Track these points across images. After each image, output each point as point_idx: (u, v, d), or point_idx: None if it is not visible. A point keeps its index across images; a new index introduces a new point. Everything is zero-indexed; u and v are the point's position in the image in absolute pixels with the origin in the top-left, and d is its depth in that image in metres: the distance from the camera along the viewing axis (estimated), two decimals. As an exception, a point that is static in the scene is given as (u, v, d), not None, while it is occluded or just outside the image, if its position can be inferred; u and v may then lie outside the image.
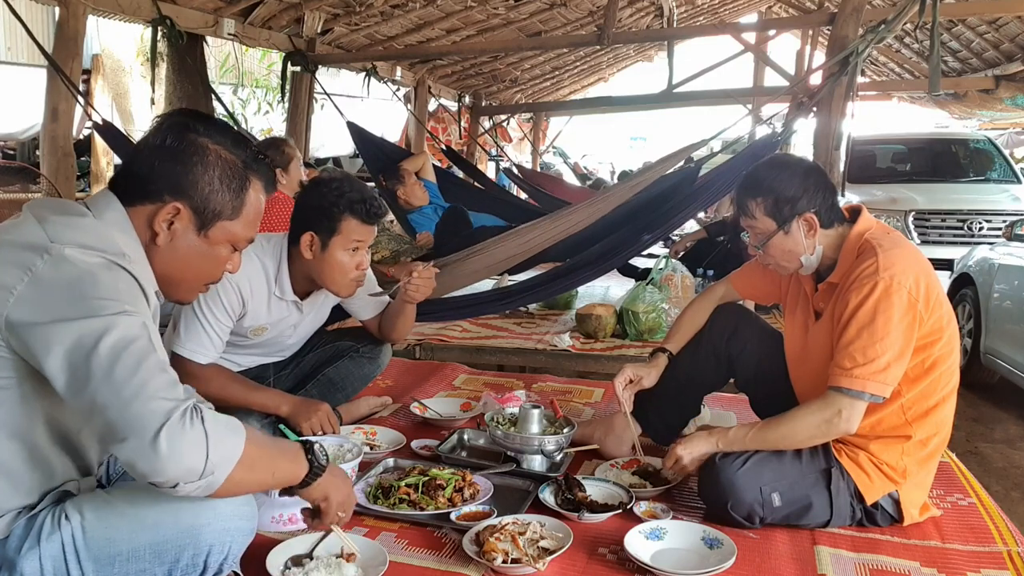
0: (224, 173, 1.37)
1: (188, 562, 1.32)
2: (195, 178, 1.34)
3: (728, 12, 10.41)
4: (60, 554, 1.27)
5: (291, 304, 2.34)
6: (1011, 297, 4.25)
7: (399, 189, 5.08)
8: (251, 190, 1.41)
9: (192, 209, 1.35)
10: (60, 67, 3.63)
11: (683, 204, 3.95)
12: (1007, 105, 8.41)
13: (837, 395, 1.82)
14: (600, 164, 18.21)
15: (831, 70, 4.05)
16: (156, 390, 1.17)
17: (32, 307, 1.18)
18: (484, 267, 3.93)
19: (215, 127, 1.39)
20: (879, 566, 1.76)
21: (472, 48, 7.22)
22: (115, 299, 1.20)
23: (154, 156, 1.34)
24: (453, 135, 9.95)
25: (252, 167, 1.41)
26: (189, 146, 1.35)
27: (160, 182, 1.34)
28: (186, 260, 1.39)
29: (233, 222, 1.40)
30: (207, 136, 1.36)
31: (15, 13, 3.67)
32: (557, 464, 2.21)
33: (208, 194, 1.36)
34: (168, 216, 1.34)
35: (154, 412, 1.15)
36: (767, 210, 1.93)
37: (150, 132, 1.38)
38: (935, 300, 1.84)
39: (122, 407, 1.15)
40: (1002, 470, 3.45)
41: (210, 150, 1.36)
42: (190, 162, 1.34)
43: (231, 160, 1.38)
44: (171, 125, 1.36)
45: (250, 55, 9.05)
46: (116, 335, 1.17)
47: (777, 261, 2.00)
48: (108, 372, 1.16)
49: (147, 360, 1.18)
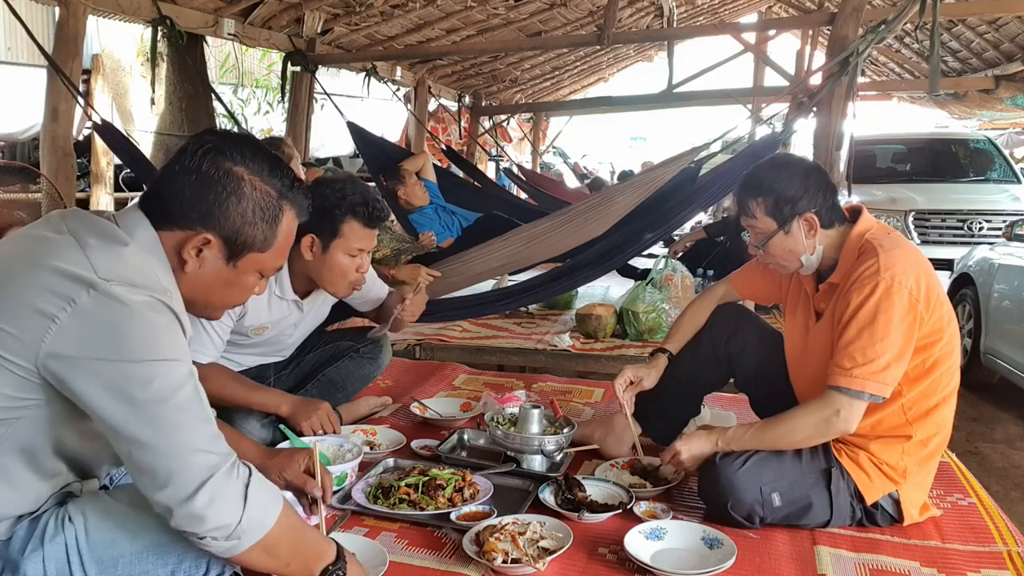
0: (258, 205, 1.33)
1: (191, 563, 1.32)
2: (228, 210, 1.31)
3: (728, 12, 10.41)
4: (64, 556, 1.27)
5: (291, 303, 2.34)
6: (1011, 297, 4.25)
7: (399, 189, 5.08)
8: (284, 221, 1.38)
9: (223, 240, 1.32)
10: (60, 67, 3.63)
11: (683, 204, 3.95)
12: (1007, 105, 8.42)
13: (836, 395, 1.82)
14: (600, 164, 18.20)
15: (831, 70, 4.05)
16: (202, 443, 1.18)
17: (75, 341, 1.15)
18: (486, 269, 3.94)
19: (251, 153, 1.34)
20: (879, 566, 1.76)
21: (472, 48, 7.22)
22: (161, 345, 1.19)
23: (187, 183, 1.30)
24: (453, 135, 9.96)
25: (287, 196, 1.37)
26: (224, 176, 1.31)
27: (192, 211, 1.30)
28: (212, 287, 1.38)
29: (264, 254, 1.37)
30: (243, 165, 1.32)
31: (15, 13, 3.67)
32: (557, 464, 2.21)
33: (240, 226, 1.32)
34: (198, 245, 1.31)
35: (199, 465, 1.17)
36: (768, 210, 1.94)
37: (183, 154, 1.33)
38: (936, 300, 1.84)
39: (168, 455, 1.16)
40: (1002, 470, 3.46)
41: (245, 181, 1.32)
42: (224, 193, 1.30)
43: (266, 191, 1.34)
44: (206, 149, 1.31)
45: (250, 55, 9.05)
46: (163, 381, 1.17)
47: (777, 261, 2.00)
48: (154, 418, 1.16)
49: (192, 410, 1.19)
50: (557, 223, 3.86)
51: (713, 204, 5.43)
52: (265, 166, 1.35)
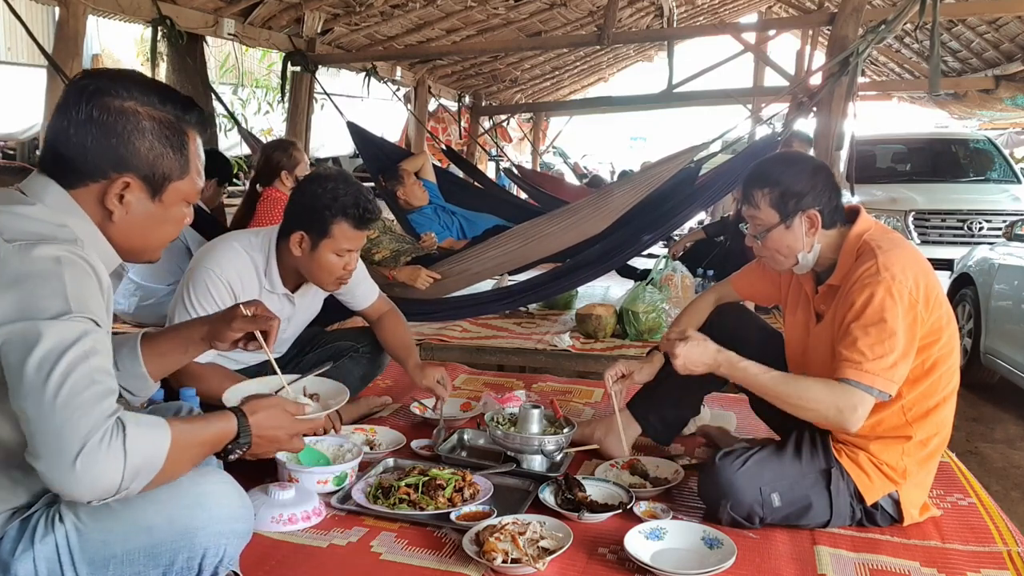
0: (162, 134, 1.30)
1: (183, 565, 1.32)
2: (135, 147, 1.28)
3: (728, 12, 10.40)
4: (55, 556, 1.26)
5: (282, 297, 2.35)
6: (1011, 297, 4.25)
7: (398, 189, 5.08)
8: (191, 143, 1.35)
9: (141, 179, 1.30)
10: (60, 67, 3.63)
11: (683, 204, 3.95)
12: (1007, 105, 8.41)
13: (853, 388, 1.78)
14: (600, 164, 18.19)
15: (831, 70, 4.05)
16: (77, 409, 1.12)
17: None
18: (485, 269, 3.94)
19: (135, 85, 1.30)
20: (879, 566, 1.76)
21: (472, 48, 7.22)
22: (59, 300, 1.16)
23: (83, 133, 1.26)
24: (453, 135, 9.95)
25: (185, 119, 1.34)
26: (118, 115, 1.27)
27: (99, 159, 1.27)
28: (145, 228, 1.35)
29: (183, 180, 1.35)
30: (131, 99, 1.28)
31: (15, 13, 3.67)
32: (557, 464, 2.21)
33: (153, 160, 1.30)
34: (118, 191, 1.29)
35: (73, 434, 1.11)
36: (772, 202, 1.93)
37: (67, 105, 1.27)
38: (935, 300, 1.84)
39: (42, 422, 1.12)
40: (1002, 470, 3.46)
41: (141, 114, 1.28)
42: (124, 132, 1.27)
43: (164, 119, 1.31)
44: (89, 94, 1.26)
45: (250, 55, 9.06)
46: (50, 343, 1.13)
47: (773, 255, 1.99)
48: (35, 379, 1.12)
49: (75, 372, 1.13)
50: (556, 221, 3.86)
51: (713, 204, 5.43)
52: (154, 95, 1.31)
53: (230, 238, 2.30)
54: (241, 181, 8.01)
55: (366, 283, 2.60)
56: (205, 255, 2.21)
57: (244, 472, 1.55)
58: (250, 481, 1.78)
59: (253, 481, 1.89)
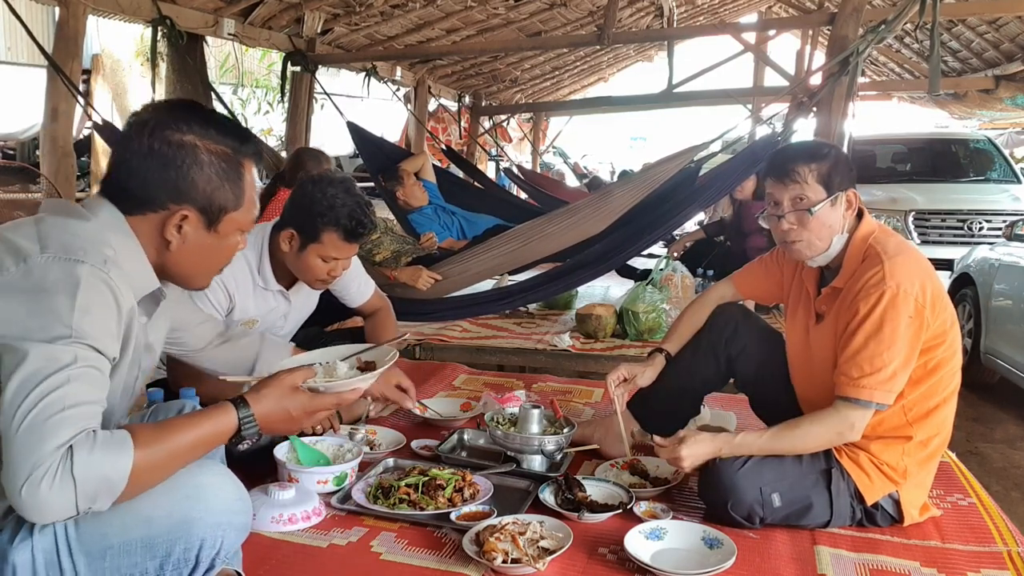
0: (220, 167, 1.36)
1: (180, 556, 1.32)
2: (194, 180, 1.34)
3: (728, 12, 10.40)
4: (52, 547, 1.26)
5: (277, 294, 2.35)
6: (1011, 297, 4.25)
7: (398, 190, 5.08)
8: (247, 175, 1.41)
9: (199, 211, 1.36)
10: (60, 67, 3.63)
11: (683, 204, 3.95)
12: (1007, 105, 8.41)
13: (847, 407, 1.83)
14: (600, 164, 18.20)
15: (831, 70, 4.05)
16: (32, 438, 1.13)
17: None
18: (485, 269, 3.94)
19: (195, 118, 1.36)
20: (879, 566, 1.76)
21: (472, 48, 7.22)
22: (62, 322, 1.18)
23: (145, 166, 1.32)
24: (453, 135, 9.95)
25: (242, 151, 1.40)
26: (178, 149, 1.33)
27: (159, 191, 1.33)
28: (200, 257, 1.42)
29: (239, 211, 1.41)
30: (191, 132, 1.34)
31: (15, 13, 3.67)
32: (557, 464, 2.21)
33: (211, 193, 1.36)
34: (177, 222, 1.35)
35: (23, 463, 1.12)
36: (820, 177, 1.91)
37: (129, 138, 1.34)
38: (940, 304, 1.85)
39: (5, 443, 1.14)
40: (1002, 470, 3.46)
41: (200, 148, 1.34)
42: (184, 165, 1.33)
43: (222, 152, 1.37)
44: (151, 128, 1.33)
45: (250, 55, 9.06)
46: (35, 365, 1.15)
47: (810, 238, 1.93)
48: (10, 403, 1.14)
49: (46, 399, 1.14)
50: (556, 221, 3.86)
51: (713, 204, 5.42)
52: (212, 128, 1.36)
53: None
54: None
55: (360, 279, 2.61)
56: None
57: (245, 472, 1.55)
58: (250, 481, 1.78)
59: (253, 481, 1.89)
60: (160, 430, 1.27)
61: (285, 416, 1.42)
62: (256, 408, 1.37)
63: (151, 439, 1.23)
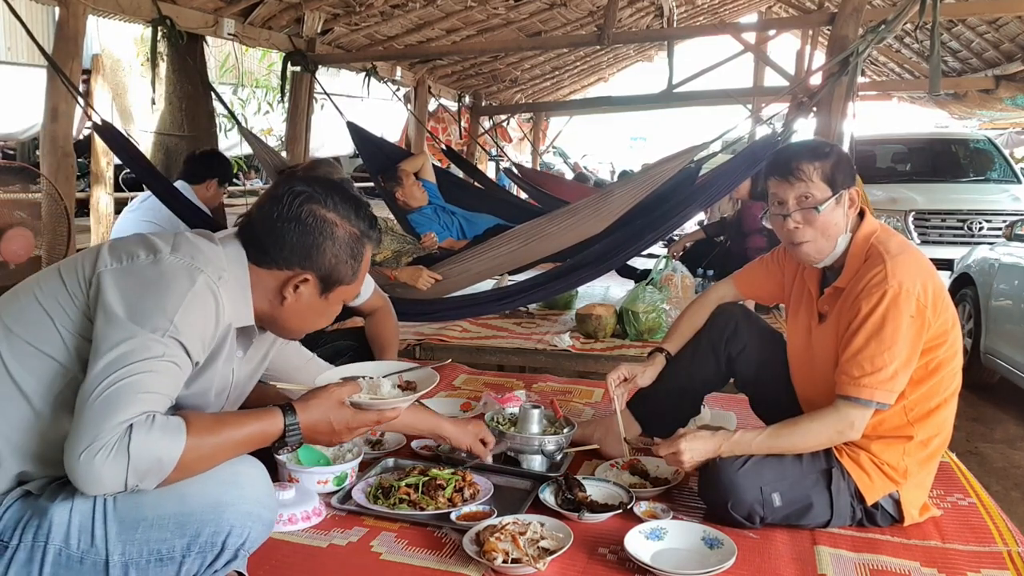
0: (348, 246, 1.51)
1: (207, 539, 1.35)
2: (324, 252, 1.48)
3: (728, 12, 10.40)
4: (89, 510, 1.32)
5: None
6: (1011, 297, 4.25)
7: (397, 191, 5.08)
8: (365, 255, 1.55)
9: (319, 278, 1.50)
10: (60, 67, 3.63)
11: (683, 204, 3.94)
12: (1007, 105, 8.41)
13: (848, 405, 1.82)
14: (600, 164, 18.21)
15: (831, 70, 4.05)
16: (103, 411, 1.23)
17: (115, 287, 1.33)
18: (485, 269, 3.93)
19: (340, 199, 1.50)
20: (879, 566, 1.76)
21: (472, 48, 7.22)
22: (166, 315, 1.30)
23: (288, 230, 1.46)
24: (453, 135, 9.95)
25: (368, 235, 1.54)
26: (319, 222, 1.47)
27: (293, 254, 1.47)
28: (305, 316, 1.56)
29: (351, 286, 1.55)
30: (335, 211, 1.49)
31: (15, 13, 3.67)
32: (557, 464, 2.21)
33: (334, 266, 1.50)
34: (297, 283, 1.49)
35: (86, 432, 1.22)
36: (824, 175, 1.90)
37: (279, 201, 1.47)
38: (942, 304, 1.85)
39: (78, 410, 1.25)
40: (1002, 470, 3.46)
41: (338, 226, 1.49)
42: (320, 238, 1.47)
43: (354, 233, 1.51)
44: (303, 199, 1.47)
45: (250, 55, 9.05)
46: (129, 347, 1.27)
47: (816, 238, 1.93)
48: (98, 375, 1.25)
49: (127, 379, 1.25)
50: (556, 221, 3.85)
51: (713, 204, 5.41)
52: (352, 210, 1.52)
53: None
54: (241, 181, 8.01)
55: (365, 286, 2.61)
56: None
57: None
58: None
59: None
60: (213, 423, 1.37)
61: (328, 429, 1.52)
62: (303, 417, 1.47)
63: (203, 430, 1.32)
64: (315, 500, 1.92)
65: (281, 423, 1.44)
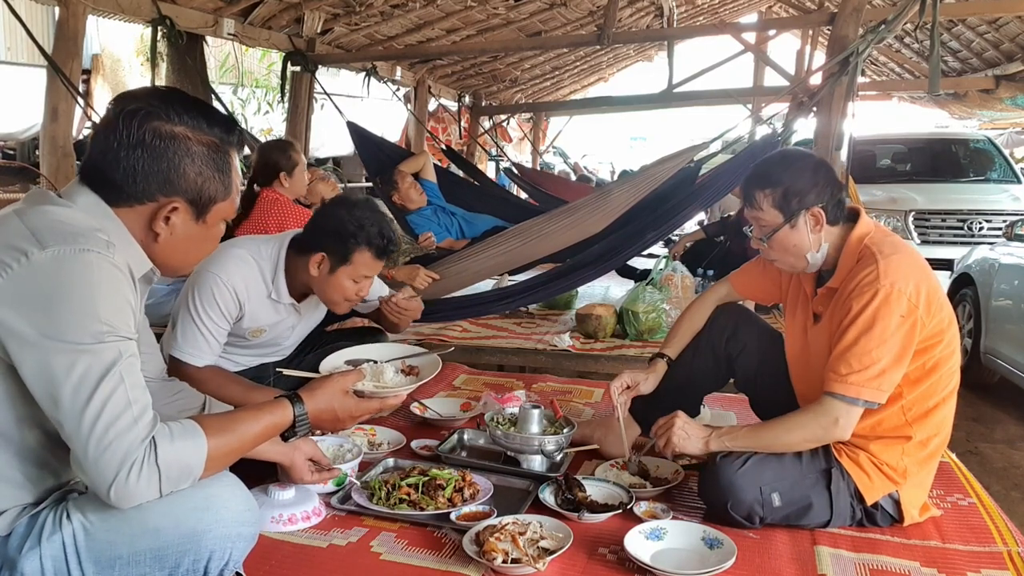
0: (209, 158, 1.34)
1: (188, 567, 1.31)
2: (185, 172, 1.31)
3: (728, 12, 10.40)
4: (61, 554, 1.26)
5: (288, 307, 2.35)
6: (1011, 297, 4.25)
7: (393, 194, 5.08)
8: (233, 164, 1.40)
9: (188, 202, 1.34)
10: (60, 67, 3.63)
11: (683, 204, 3.95)
12: (1007, 105, 8.40)
13: (833, 402, 1.82)
14: (600, 164, 18.19)
15: (831, 70, 4.05)
16: (113, 441, 1.17)
17: (10, 308, 1.16)
18: (485, 269, 3.93)
19: (183, 107, 1.32)
20: (879, 566, 1.76)
21: (472, 48, 7.21)
22: (94, 321, 1.18)
23: (132, 157, 1.28)
24: (453, 135, 9.95)
25: (228, 141, 1.38)
26: (168, 140, 1.29)
27: (149, 184, 1.30)
28: (187, 247, 1.40)
29: (226, 201, 1.40)
30: (181, 123, 1.30)
31: (15, 13, 3.67)
32: (557, 464, 2.21)
33: (201, 185, 1.34)
34: (166, 214, 1.33)
35: (108, 464, 1.17)
36: (775, 202, 1.92)
37: (114, 127, 1.28)
38: (936, 304, 1.84)
39: (82, 446, 1.17)
40: (1002, 470, 3.46)
41: (190, 139, 1.31)
42: (175, 158, 1.30)
43: (211, 143, 1.34)
44: (138, 118, 1.28)
45: (250, 55, 9.05)
46: (85, 367, 1.17)
47: (782, 257, 1.98)
48: (72, 406, 1.16)
49: (112, 398, 1.18)
50: (555, 220, 3.86)
51: (713, 204, 5.42)
52: (201, 118, 1.33)
53: (237, 244, 2.29)
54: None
55: (378, 291, 2.61)
56: (211, 260, 2.19)
57: (245, 472, 1.55)
58: (250, 481, 1.78)
59: (254, 481, 1.89)
60: (226, 421, 1.36)
61: (332, 417, 1.56)
62: (310, 406, 1.50)
63: (218, 429, 1.32)
64: (315, 500, 1.92)
65: (291, 414, 1.46)
